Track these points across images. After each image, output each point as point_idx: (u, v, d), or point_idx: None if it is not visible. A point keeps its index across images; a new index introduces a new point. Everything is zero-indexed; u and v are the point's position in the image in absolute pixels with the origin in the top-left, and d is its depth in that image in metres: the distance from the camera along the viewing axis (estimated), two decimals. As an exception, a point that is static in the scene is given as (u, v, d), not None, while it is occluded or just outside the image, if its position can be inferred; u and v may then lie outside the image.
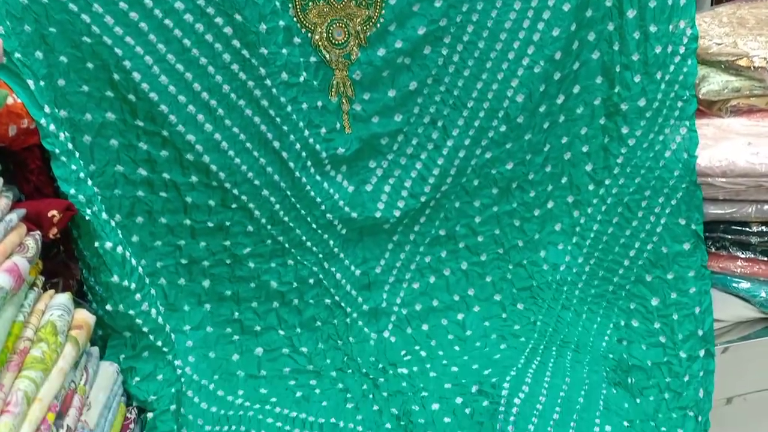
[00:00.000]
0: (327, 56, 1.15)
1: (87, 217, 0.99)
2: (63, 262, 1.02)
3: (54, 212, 0.88)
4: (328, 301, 1.28)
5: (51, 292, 0.88)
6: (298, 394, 1.17)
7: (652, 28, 1.16)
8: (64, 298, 0.86)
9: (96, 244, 1.01)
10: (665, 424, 1.12)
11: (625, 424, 1.03)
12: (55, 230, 0.88)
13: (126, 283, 1.04)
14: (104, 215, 1.04)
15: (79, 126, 1.05)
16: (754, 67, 1.19)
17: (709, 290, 1.20)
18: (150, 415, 1.01)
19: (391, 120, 1.22)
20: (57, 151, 0.97)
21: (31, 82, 0.93)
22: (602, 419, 1.03)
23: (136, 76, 1.03)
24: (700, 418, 1.13)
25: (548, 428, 1.02)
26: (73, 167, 1.00)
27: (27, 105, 0.91)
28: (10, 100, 0.88)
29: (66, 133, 1.01)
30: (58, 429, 0.76)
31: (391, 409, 1.11)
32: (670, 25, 1.16)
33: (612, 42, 1.20)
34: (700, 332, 1.18)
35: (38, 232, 0.87)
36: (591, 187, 1.31)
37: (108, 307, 1.04)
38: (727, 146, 1.16)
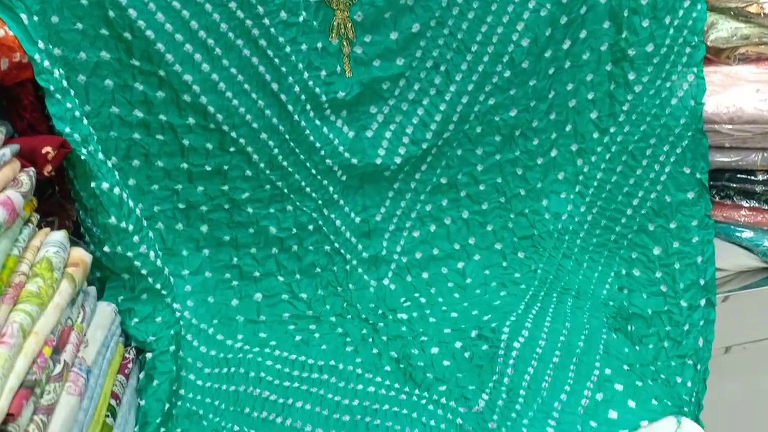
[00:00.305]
0: (327, -5, 1.12)
1: (83, 157, 0.97)
2: (58, 203, 1.01)
3: (48, 149, 0.86)
4: (327, 247, 1.27)
5: (46, 229, 0.87)
6: (298, 338, 1.17)
7: None
8: (60, 235, 0.85)
9: (92, 184, 0.99)
10: (664, 372, 1.12)
11: (625, 367, 1.03)
12: (49, 167, 0.86)
13: (123, 224, 1.03)
14: (100, 155, 1.02)
15: (74, 65, 1.02)
16: (764, 14, 1.16)
17: (712, 240, 1.19)
18: (149, 355, 1.01)
19: (392, 63, 1.19)
20: (51, 88, 0.94)
21: (24, 17, 0.91)
22: (602, 363, 1.03)
23: (132, 13, 0.99)
24: (699, 367, 1.14)
25: (548, 371, 1.02)
26: (68, 105, 0.98)
27: (20, 39, 0.89)
28: (1, 33, 0.85)
29: (60, 71, 0.99)
30: (55, 363, 0.75)
31: (391, 353, 1.11)
32: None
33: None
34: (702, 281, 1.18)
35: (32, 168, 0.85)
36: (595, 135, 1.29)
37: (106, 248, 1.03)
38: (735, 93, 1.14)
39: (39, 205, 0.90)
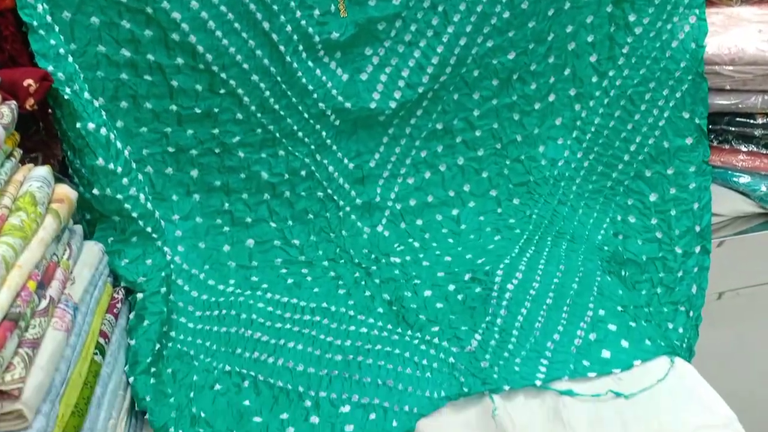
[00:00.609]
0: (321, -70, 1.07)
1: (66, 97, 0.95)
2: (43, 141, 0.98)
3: (30, 81, 0.83)
4: (320, 194, 1.25)
5: (30, 165, 0.84)
6: (290, 281, 1.16)
7: None
8: (44, 170, 0.83)
9: (78, 124, 0.97)
10: (656, 318, 1.12)
11: (619, 309, 1.03)
12: (31, 101, 0.84)
13: (111, 166, 1.01)
14: (86, 95, 1.00)
15: (58, 0, 0.99)
16: None
17: (709, 186, 1.19)
18: (140, 295, 1.00)
19: (389, 3, 1.16)
20: (35, 23, 0.92)
21: None
22: (596, 304, 1.03)
23: (116, -56, 0.96)
24: (691, 314, 1.14)
25: (541, 312, 1.02)
26: (52, 42, 0.95)
27: (-1, -32, 0.86)
28: (-22, -40, 0.82)
29: (44, 6, 0.96)
30: (40, 298, 0.74)
31: (383, 295, 1.11)
32: None
33: None
34: (697, 228, 1.17)
35: (14, 101, 0.82)
36: (594, 79, 1.27)
37: (95, 191, 1.01)
38: (737, 33, 1.12)
39: (23, 142, 0.88)
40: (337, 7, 1.14)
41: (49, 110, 0.97)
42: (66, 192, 0.85)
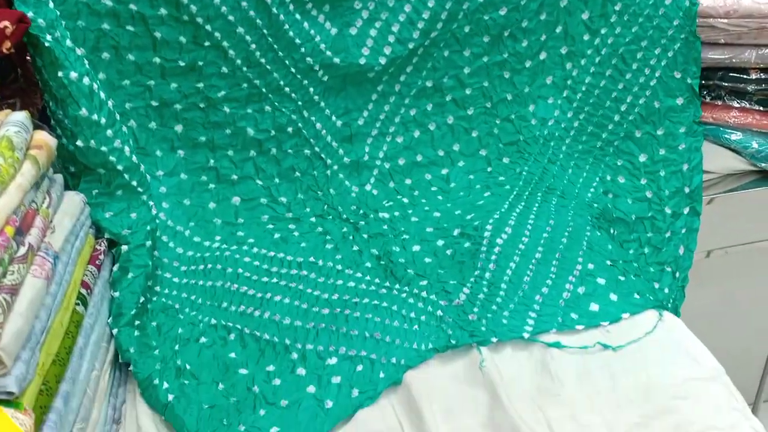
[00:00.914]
0: None
1: (47, 44, 0.92)
2: (21, 88, 0.95)
3: (6, 23, 0.80)
4: (307, 151, 1.23)
5: (7, 111, 0.82)
6: (276, 236, 1.14)
7: None
8: (22, 115, 0.81)
9: (60, 73, 0.94)
10: (643, 275, 1.11)
11: (608, 263, 1.03)
12: (8, 44, 0.81)
13: (95, 117, 0.98)
14: (69, 42, 0.97)
15: None
16: None
17: (700, 147, 1.18)
18: (124, 248, 0.98)
19: None
20: None
21: None
22: (585, 258, 1.02)
23: None
24: (677, 274, 1.14)
25: (530, 266, 1.01)
26: None
27: None
28: None
29: None
30: (18, 245, 0.72)
31: (371, 250, 1.10)
32: None
33: None
34: (687, 189, 1.17)
35: (-11, 44, 0.80)
36: (586, 37, 1.25)
37: (79, 142, 0.98)
38: None
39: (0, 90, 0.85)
40: (325, -42, 1.11)
41: (28, 57, 0.94)
42: (45, 139, 0.83)
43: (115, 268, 0.97)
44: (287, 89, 1.18)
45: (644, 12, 1.17)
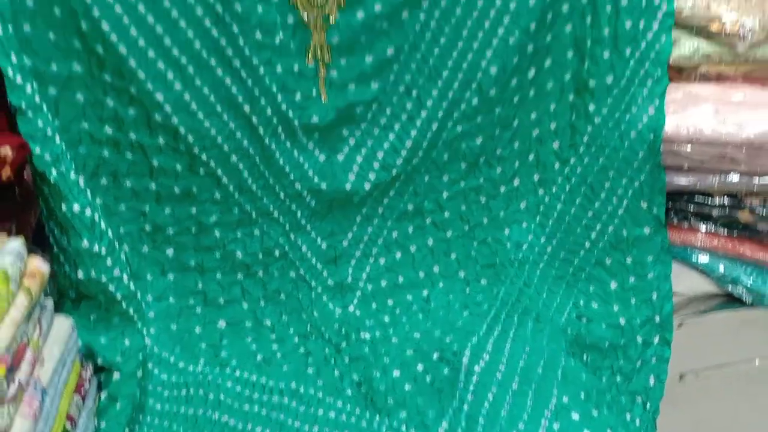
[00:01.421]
0: (305, 17, 1.11)
1: (52, 180, 0.95)
2: (17, 207, 0.96)
3: (7, 148, 0.81)
4: (293, 274, 1.26)
5: (2, 238, 0.82)
6: (259, 357, 1.15)
7: (624, 2, 1.14)
8: (17, 243, 0.81)
9: (63, 207, 0.97)
10: (615, 406, 1.12)
11: (582, 395, 1.04)
12: (8, 170, 0.82)
13: (96, 248, 1.01)
14: (72, 175, 1.00)
15: (45, 77, 1.01)
16: (725, 33, 1.14)
17: (669, 275, 1.19)
18: (116, 375, 0.97)
19: (367, 88, 1.19)
20: (23, 105, 0.93)
21: None
22: (559, 390, 1.03)
23: (105, 26, 0.99)
24: (648, 405, 1.14)
25: (506, 398, 1.02)
26: (40, 123, 0.96)
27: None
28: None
29: (33, 85, 0.97)
30: (9, 384, 0.71)
31: (352, 375, 1.10)
32: None
33: (585, 15, 1.18)
34: (657, 318, 1.19)
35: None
36: (557, 166, 1.30)
37: (80, 274, 1.01)
38: (695, 113, 1.13)
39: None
40: (318, 92, 1.17)
41: (25, 176, 0.96)
42: (38, 266, 0.83)
43: (102, 396, 0.96)
44: (276, 213, 1.22)
45: (610, 144, 1.21)
